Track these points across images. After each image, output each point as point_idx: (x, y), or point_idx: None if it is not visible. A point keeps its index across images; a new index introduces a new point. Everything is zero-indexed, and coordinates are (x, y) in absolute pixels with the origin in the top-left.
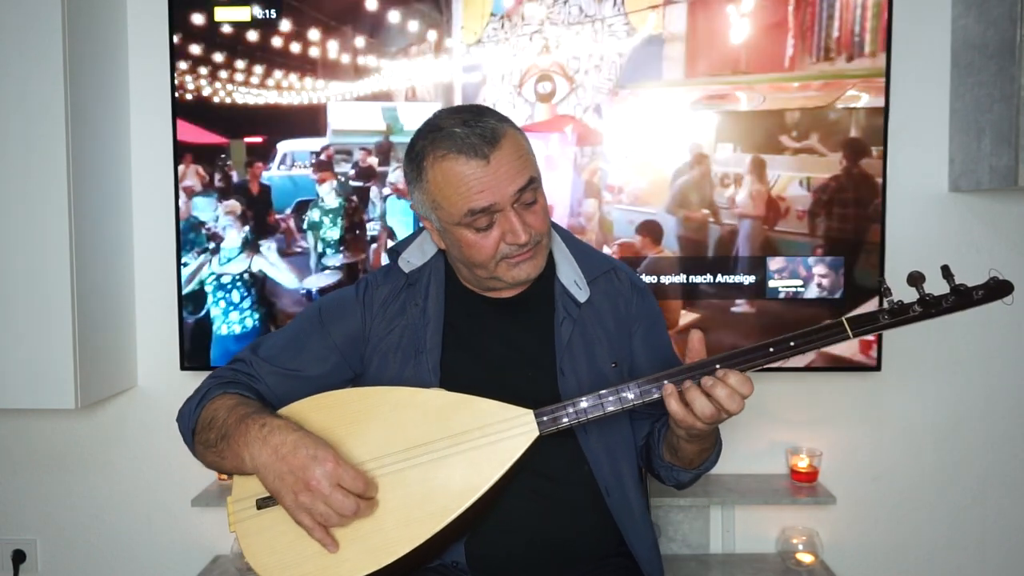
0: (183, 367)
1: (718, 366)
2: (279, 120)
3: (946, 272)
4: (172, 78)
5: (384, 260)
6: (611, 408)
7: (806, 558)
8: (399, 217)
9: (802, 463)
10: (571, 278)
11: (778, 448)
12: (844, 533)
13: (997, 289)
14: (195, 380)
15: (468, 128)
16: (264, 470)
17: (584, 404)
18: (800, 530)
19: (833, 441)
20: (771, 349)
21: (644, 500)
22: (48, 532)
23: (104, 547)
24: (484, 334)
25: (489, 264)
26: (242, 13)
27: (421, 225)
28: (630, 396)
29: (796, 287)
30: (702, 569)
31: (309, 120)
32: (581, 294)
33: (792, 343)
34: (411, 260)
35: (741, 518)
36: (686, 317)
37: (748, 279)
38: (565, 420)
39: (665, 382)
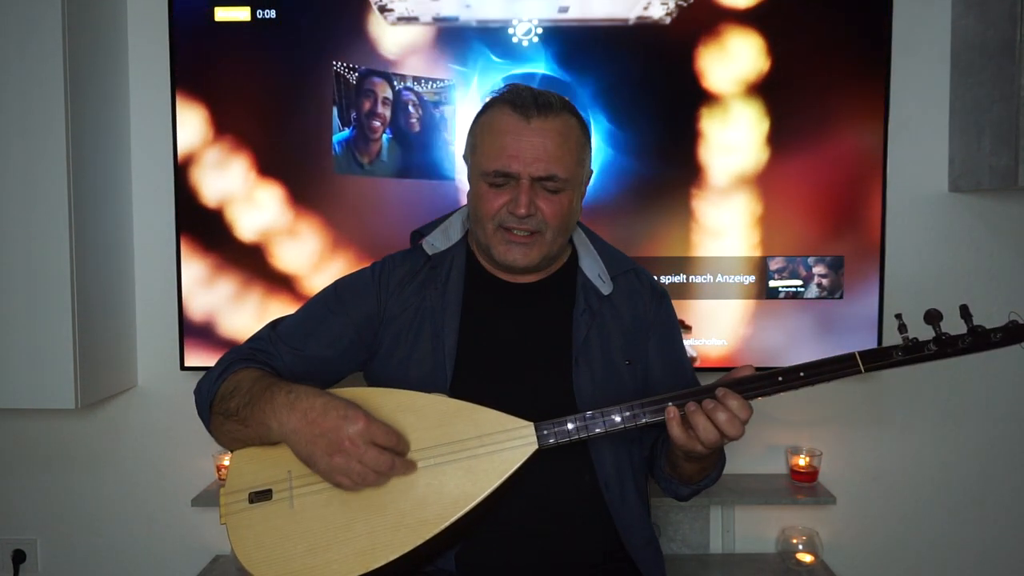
0: (183, 367)
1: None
2: None
3: (964, 312)
4: (172, 76)
5: None
6: (614, 427)
7: (806, 558)
8: None
9: (802, 463)
10: (595, 271)
11: (778, 448)
12: (844, 533)
13: (1016, 332)
14: (195, 380)
15: (531, 91)
16: (294, 436)
17: (587, 421)
18: (800, 530)
19: (833, 441)
20: (780, 379)
21: (644, 502)
22: (48, 532)
23: (104, 547)
24: (503, 319)
25: (488, 224)
26: (242, 13)
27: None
28: (633, 416)
29: (796, 287)
30: (702, 569)
31: None
32: (605, 287)
33: (802, 373)
34: (435, 244)
35: (741, 518)
36: None
37: (748, 279)
38: (566, 436)
39: (669, 404)
